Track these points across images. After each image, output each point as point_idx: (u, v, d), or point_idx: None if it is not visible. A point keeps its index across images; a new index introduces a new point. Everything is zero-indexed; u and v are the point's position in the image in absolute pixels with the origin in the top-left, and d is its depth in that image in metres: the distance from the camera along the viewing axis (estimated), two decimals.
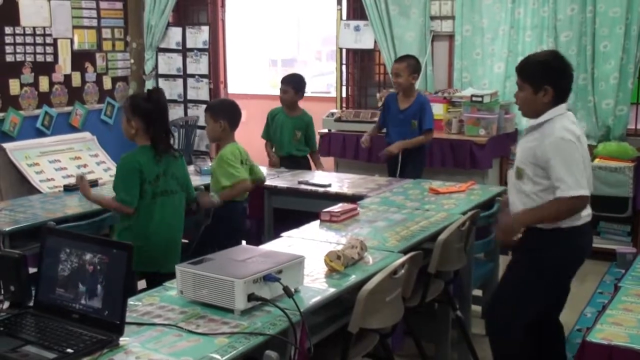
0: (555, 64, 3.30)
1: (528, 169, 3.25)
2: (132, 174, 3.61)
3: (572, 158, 3.14)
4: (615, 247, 5.36)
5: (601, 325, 2.57)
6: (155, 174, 3.67)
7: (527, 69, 3.32)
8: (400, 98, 5.53)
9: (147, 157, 3.66)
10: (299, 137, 5.64)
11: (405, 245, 3.35)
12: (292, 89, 5.59)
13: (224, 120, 4.34)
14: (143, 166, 3.62)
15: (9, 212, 4.08)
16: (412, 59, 5.55)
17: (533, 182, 3.24)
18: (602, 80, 6.10)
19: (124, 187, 3.63)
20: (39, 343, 2.19)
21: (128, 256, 2.28)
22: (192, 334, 2.28)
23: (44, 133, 7.04)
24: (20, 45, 6.83)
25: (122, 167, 3.68)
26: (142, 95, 3.82)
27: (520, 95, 3.35)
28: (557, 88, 3.25)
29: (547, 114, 3.25)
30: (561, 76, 3.29)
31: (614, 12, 5.98)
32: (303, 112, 5.69)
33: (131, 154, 3.69)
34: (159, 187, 3.70)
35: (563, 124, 3.22)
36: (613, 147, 5.88)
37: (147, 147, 3.68)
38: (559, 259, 3.30)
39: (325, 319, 2.79)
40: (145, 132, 3.67)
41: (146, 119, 3.65)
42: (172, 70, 8.31)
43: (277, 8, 9.98)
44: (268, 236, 4.66)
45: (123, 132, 3.77)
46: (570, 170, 3.12)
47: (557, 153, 3.13)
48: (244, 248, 2.83)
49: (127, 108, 3.72)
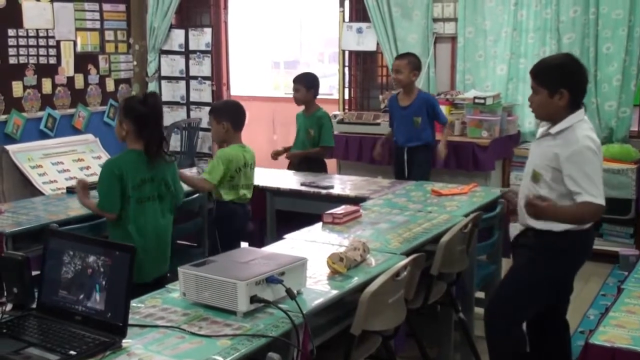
0: (570, 67, 3.29)
1: (547, 173, 3.24)
2: (111, 180, 3.53)
3: (595, 168, 3.17)
4: (618, 249, 5.36)
5: (604, 328, 2.56)
6: (140, 179, 3.58)
7: (543, 72, 3.30)
8: (400, 96, 5.57)
9: (132, 162, 3.58)
10: (313, 136, 5.57)
11: (407, 247, 3.34)
12: (303, 86, 5.56)
13: (227, 122, 4.34)
14: (124, 171, 3.53)
15: (12, 214, 4.09)
16: (412, 57, 5.58)
17: (550, 187, 3.24)
18: (605, 82, 6.09)
19: (103, 193, 3.58)
20: (41, 345, 2.19)
21: (131, 258, 2.28)
22: (195, 336, 2.28)
23: (47, 135, 7.06)
24: (23, 48, 6.84)
25: (102, 173, 3.61)
26: (138, 98, 3.75)
27: (535, 99, 3.32)
28: (573, 91, 3.24)
29: (567, 120, 3.24)
30: (577, 79, 3.28)
31: (617, 14, 5.97)
32: (317, 109, 5.62)
33: (113, 159, 3.65)
34: (145, 192, 3.61)
35: (586, 132, 3.22)
36: (616, 149, 5.87)
37: (136, 151, 3.60)
38: (565, 260, 3.31)
39: (328, 321, 2.79)
40: (137, 135, 3.60)
41: (138, 122, 3.58)
42: (175, 72, 8.31)
43: (279, 10, 9.98)
44: (270, 238, 4.65)
45: (115, 133, 3.75)
46: (593, 180, 3.13)
47: (581, 161, 3.14)
48: (247, 250, 2.84)
49: (121, 109, 3.67)
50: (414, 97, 5.52)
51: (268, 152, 5.80)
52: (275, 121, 8.32)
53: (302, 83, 5.57)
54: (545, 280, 3.34)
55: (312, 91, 5.58)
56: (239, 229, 4.39)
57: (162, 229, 3.72)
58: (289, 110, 5.93)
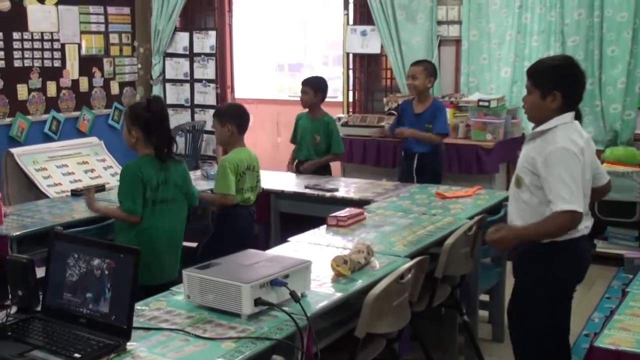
0: (567, 69, 3.18)
1: (526, 177, 3.15)
2: (135, 183, 3.60)
3: (571, 171, 3.01)
4: (623, 252, 5.35)
5: (609, 331, 2.56)
6: (156, 182, 3.66)
7: (538, 72, 3.20)
8: (415, 103, 5.52)
9: (148, 165, 3.65)
10: (319, 141, 5.58)
11: (411, 249, 3.34)
12: (311, 89, 5.56)
13: (231, 125, 4.34)
14: (145, 174, 3.61)
15: (16, 217, 4.09)
16: (429, 64, 5.58)
17: (530, 192, 3.14)
18: (609, 85, 6.08)
19: (129, 195, 3.62)
20: (46, 348, 2.20)
21: (135, 260, 2.29)
22: (199, 339, 2.28)
23: (51, 138, 7.06)
24: (28, 51, 6.86)
25: (125, 176, 3.66)
26: (142, 104, 3.79)
27: (528, 99, 3.24)
28: (567, 94, 3.13)
29: (552, 121, 3.13)
30: (572, 83, 3.17)
31: (621, 17, 5.97)
32: (324, 115, 5.63)
33: (133, 163, 3.68)
34: (159, 195, 3.67)
35: (567, 133, 3.09)
36: (620, 152, 5.87)
37: (149, 156, 3.67)
38: (557, 272, 3.20)
39: (332, 323, 2.79)
40: (146, 141, 3.67)
41: (146, 128, 3.64)
42: (180, 75, 8.32)
43: (283, 13, 9.99)
44: (275, 241, 4.66)
45: (124, 141, 3.78)
46: (567, 184, 2.99)
47: (556, 163, 3.02)
48: (251, 253, 2.83)
49: (127, 118, 3.73)
50: (428, 104, 5.47)
51: (272, 154, 5.82)
52: (279, 124, 8.33)
53: (311, 86, 5.57)
54: (546, 293, 3.22)
55: (319, 95, 5.58)
56: (244, 231, 4.38)
57: (175, 231, 3.77)
58: (293, 112, 5.93)
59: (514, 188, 3.27)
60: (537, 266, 3.21)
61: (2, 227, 3.87)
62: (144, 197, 3.62)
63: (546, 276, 3.21)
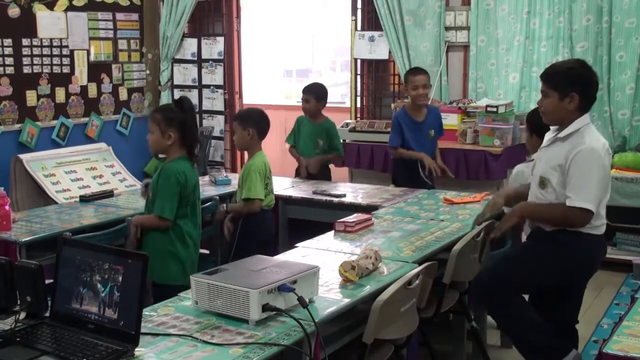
0: (581, 71, 3.34)
1: (553, 178, 3.27)
2: (176, 188, 3.61)
3: (596, 171, 3.18)
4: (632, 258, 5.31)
5: (618, 337, 2.55)
6: (193, 183, 3.71)
7: (554, 76, 3.35)
8: (412, 112, 5.40)
9: (187, 167, 3.68)
10: (322, 145, 5.62)
11: (419, 255, 3.34)
12: (314, 97, 5.60)
13: (252, 129, 4.36)
14: (186, 177, 3.64)
15: (25, 223, 4.11)
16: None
17: (556, 192, 3.27)
18: (618, 90, 6.07)
19: (168, 199, 3.61)
20: (55, 353, 2.20)
21: (143, 266, 2.29)
22: (207, 345, 2.28)
23: (59, 144, 7.09)
24: (37, 57, 6.88)
25: (167, 181, 3.62)
26: (171, 106, 3.81)
27: (545, 102, 3.37)
28: (584, 95, 3.29)
29: (574, 124, 3.28)
30: (588, 84, 3.32)
31: (630, 23, 5.96)
32: (325, 120, 5.67)
33: (175, 167, 3.64)
34: (195, 195, 3.74)
35: (594, 135, 3.28)
36: (629, 158, 5.84)
37: (184, 157, 3.69)
38: (570, 255, 3.31)
39: (340, 329, 2.79)
40: (181, 141, 3.67)
41: (182, 128, 3.66)
42: (188, 81, 8.34)
43: (291, 19, 10.02)
44: (282, 246, 4.66)
45: (152, 145, 3.72)
46: (587, 183, 3.15)
47: (584, 162, 3.18)
48: (259, 258, 2.83)
49: (161, 120, 3.65)
50: (426, 111, 5.48)
51: (280, 160, 5.83)
52: (287, 129, 8.31)
53: (312, 94, 5.61)
54: (546, 260, 3.35)
55: (322, 102, 5.64)
56: (269, 234, 4.42)
57: (199, 232, 3.83)
58: None
59: (537, 190, 3.38)
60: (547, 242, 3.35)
61: (11, 232, 3.88)
62: (185, 198, 3.65)
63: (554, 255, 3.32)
